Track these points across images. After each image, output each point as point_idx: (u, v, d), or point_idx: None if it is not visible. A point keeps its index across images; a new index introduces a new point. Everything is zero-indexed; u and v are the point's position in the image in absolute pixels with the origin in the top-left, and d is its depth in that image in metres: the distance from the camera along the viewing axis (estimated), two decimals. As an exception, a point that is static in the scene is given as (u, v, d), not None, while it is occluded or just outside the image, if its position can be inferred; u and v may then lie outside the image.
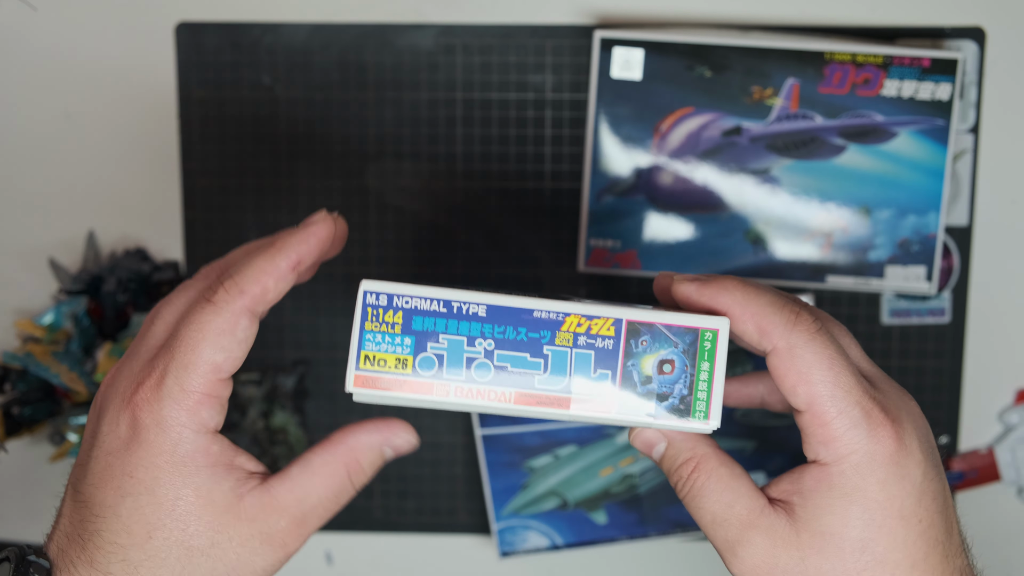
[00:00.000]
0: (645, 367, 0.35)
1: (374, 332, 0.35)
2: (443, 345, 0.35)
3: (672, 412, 0.36)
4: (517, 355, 0.35)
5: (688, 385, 0.36)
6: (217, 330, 0.36)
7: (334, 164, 0.64)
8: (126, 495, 0.36)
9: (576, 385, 0.35)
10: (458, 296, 0.35)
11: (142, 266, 0.64)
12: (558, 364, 0.35)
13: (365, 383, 0.35)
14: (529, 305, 0.35)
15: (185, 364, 0.36)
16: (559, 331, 0.35)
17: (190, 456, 0.36)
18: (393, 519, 0.66)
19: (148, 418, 0.35)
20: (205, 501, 0.36)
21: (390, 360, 0.35)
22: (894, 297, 0.64)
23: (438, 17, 0.63)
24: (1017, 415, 0.65)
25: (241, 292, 0.36)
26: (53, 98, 0.65)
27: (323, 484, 0.38)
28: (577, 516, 0.64)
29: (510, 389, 0.35)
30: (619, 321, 0.35)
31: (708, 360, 0.36)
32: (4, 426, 0.61)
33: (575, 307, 0.35)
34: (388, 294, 0.35)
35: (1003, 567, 0.66)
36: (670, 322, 0.35)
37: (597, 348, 0.35)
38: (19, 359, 0.62)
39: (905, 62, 0.60)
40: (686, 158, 0.61)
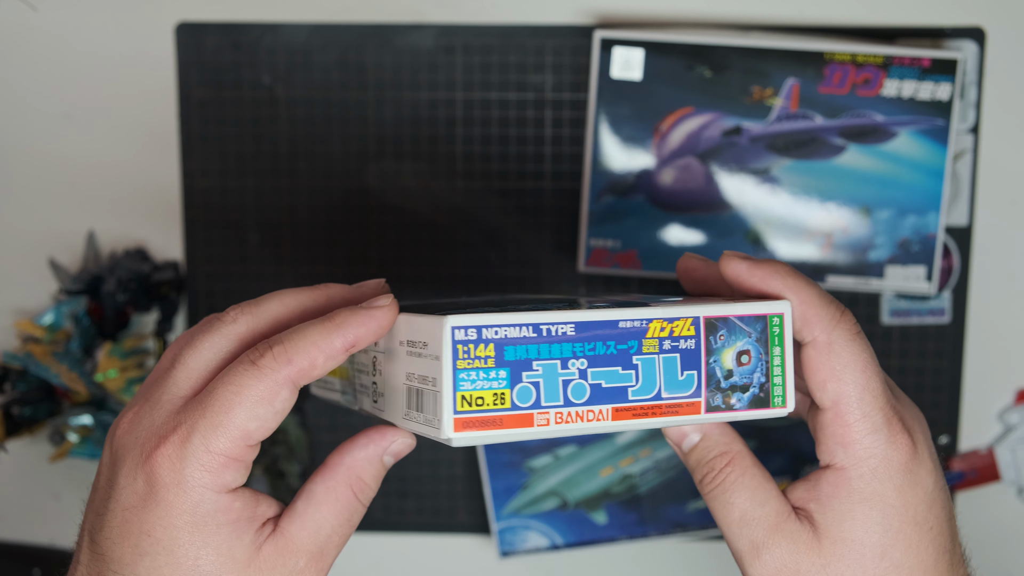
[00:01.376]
0: (725, 361, 0.36)
1: (467, 370, 0.33)
2: (538, 372, 0.34)
3: (753, 402, 0.36)
4: (610, 370, 0.34)
5: (765, 372, 0.36)
6: (256, 396, 0.34)
7: (334, 164, 0.64)
8: (144, 554, 0.35)
9: (667, 390, 0.35)
10: (546, 319, 0.34)
11: (142, 266, 0.64)
12: (648, 373, 0.35)
13: (466, 426, 0.33)
14: (614, 316, 0.34)
15: (215, 425, 0.34)
16: (645, 339, 0.35)
17: (211, 515, 0.35)
18: (393, 519, 0.66)
19: (168, 477, 0.34)
20: (225, 559, 0.35)
21: (487, 397, 0.33)
22: (894, 297, 0.64)
23: (438, 17, 0.63)
24: (1017, 415, 0.65)
25: (289, 361, 0.34)
26: (53, 98, 0.65)
27: (332, 512, 0.37)
28: (577, 516, 0.64)
29: (607, 406, 0.34)
30: (697, 319, 0.35)
31: (779, 344, 0.36)
32: (4, 426, 0.61)
33: (656, 311, 0.35)
34: (476, 327, 0.33)
35: (1003, 567, 0.66)
36: (742, 312, 0.36)
37: (681, 350, 0.35)
38: (19, 359, 0.62)
39: (905, 62, 0.60)
40: (686, 158, 0.61)
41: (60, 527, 0.67)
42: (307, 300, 0.39)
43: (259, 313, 0.37)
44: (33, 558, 0.67)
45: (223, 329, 0.37)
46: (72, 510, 0.67)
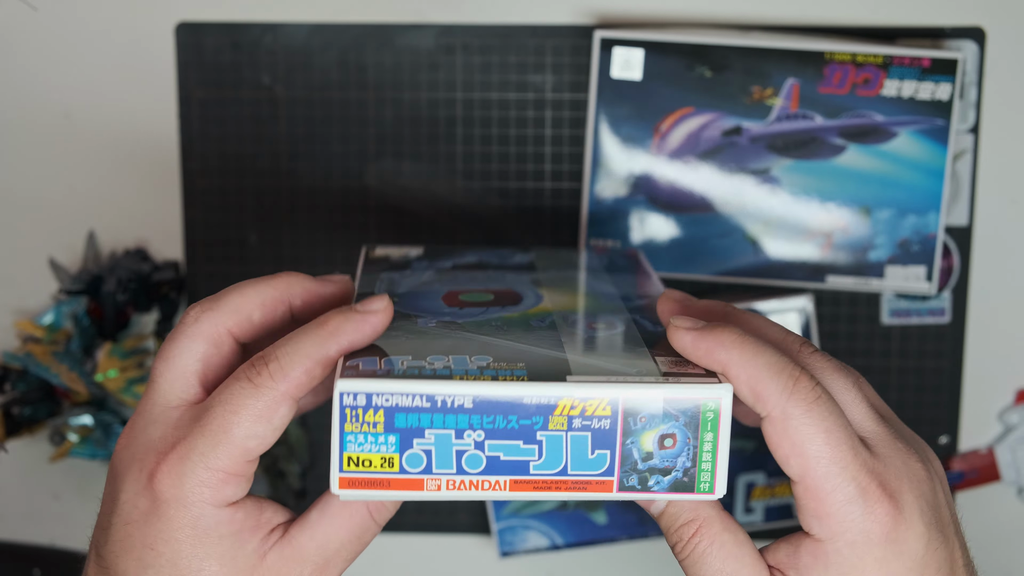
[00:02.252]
0: (645, 443, 0.33)
1: (355, 433, 0.33)
2: (430, 440, 0.33)
3: (675, 486, 0.34)
4: (509, 444, 0.33)
5: (691, 457, 0.34)
6: (254, 414, 0.34)
7: (334, 164, 0.64)
8: (148, 566, 0.35)
9: (574, 467, 0.33)
10: (442, 390, 0.33)
11: (142, 266, 0.64)
12: (553, 449, 0.33)
13: (351, 484, 0.33)
14: (518, 392, 0.33)
15: (215, 444, 0.34)
16: (552, 415, 0.33)
17: (212, 528, 0.35)
18: (393, 519, 0.66)
19: (169, 493, 0.34)
20: (228, 569, 0.35)
21: (375, 460, 0.33)
22: (894, 297, 0.64)
23: (438, 17, 0.63)
24: (1017, 415, 0.65)
25: (285, 377, 0.34)
26: (53, 98, 0.65)
27: (343, 527, 0.37)
28: (577, 516, 0.64)
29: (504, 477, 0.33)
30: (615, 402, 0.33)
31: (711, 430, 0.34)
32: (4, 426, 0.61)
33: (568, 389, 0.33)
34: (367, 393, 0.33)
35: (1003, 567, 0.66)
36: (670, 396, 0.33)
37: (593, 429, 0.33)
38: (19, 359, 0.62)
39: (905, 62, 0.60)
40: (686, 158, 0.61)
41: (60, 527, 0.67)
42: (267, 290, 0.38)
43: (219, 307, 0.37)
44: (33, 558, 0.67)
45: (187, 331, 0.37)
46: (72, 510, 0.67)
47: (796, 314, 0.63)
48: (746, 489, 0.64)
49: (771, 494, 0.64)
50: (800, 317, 0.63)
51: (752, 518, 0.64)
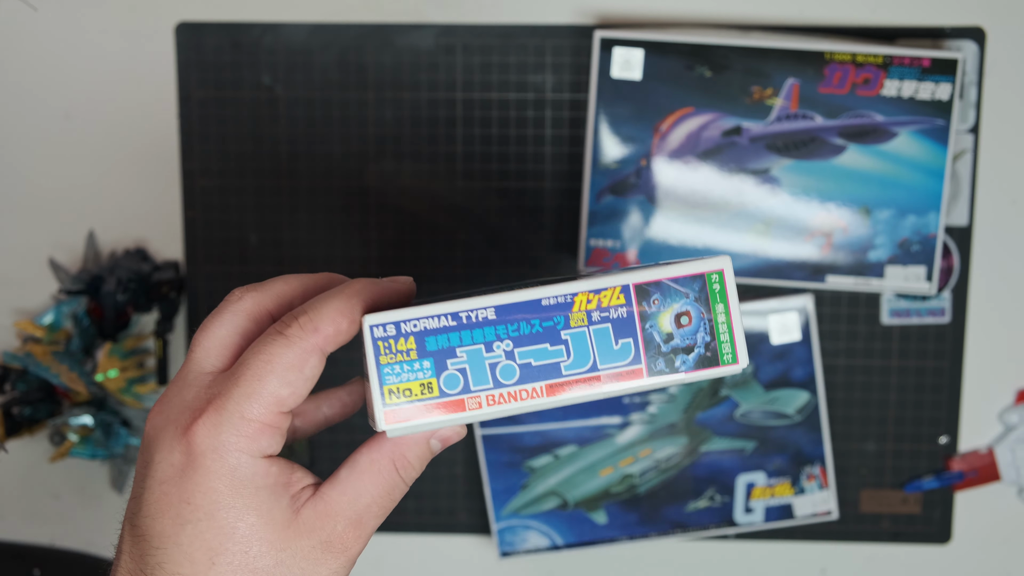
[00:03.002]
0: (663, 325, 0.35)
1: (391, 364, 0.34)
2: (463, 359, 0.34)
3: (700, 362, 0.35)
4: (537, 348, 0.34)
5: (709, 331, 0.35)
6: (286, 364, 0.35)
7: (334, 164, 0.64)
8: (185, 522, 0.35)
9: (603, 361, 0.35)
10: (464, 305, 0.34)
11: (142, 266, 0.64)
12: (579, 346, 0.35)
13: (396, 417, 0.34)
14: (536, 295, 0.35)
15: (249, 393, 0.35)
16: (571, 313, 0.35)
17: (249, 479, 0.35)
18: (393, 519, 0.66)
19: (206, 443, 0.35)
20: (266, 521, 0.36)
21: (415, 388, 0.34)
22: (894, 297, 0.64)
23: (438, 17, 0.63)
24: (1017, 415, 0.65)
25: (315, 330, 0.35)
26: (53, 98, 0.65)
27: (372, 482, 0.37)
28: (577, 516, 0.64)
29: (540, 383, 0.34)
30: (626, 287, 0.35)
31: (721, 301, 0.35)
32: (4, 426, 0.61)
33: (580, 284, 0.35)
34: (394, 322, 0.34)
35: (1003, 567, 0.66)
36: (676, 274, 0.35)
37: (613, 319, 0.35)
38: (19, 359, 0.62)
39: (905, 62, 0.60)
40: (686, 158, 0.61)
41: (60, 527, 0.67)
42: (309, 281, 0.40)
43: (264, 290, 0.39)
44: (33, 558, 0.67)
45: (230, 307, 0.38)
46: (72, 510, 0.67)
47: (796, 314, 0.63)
48: (746, 489, 0.64)
49: (771, 494, 0.64)
50: (800, 317, 0.63)
51: (752, 518, 0.64)
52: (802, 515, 0.64)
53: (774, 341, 0.63)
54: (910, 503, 0.65)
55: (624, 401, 0.63)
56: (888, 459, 0.65)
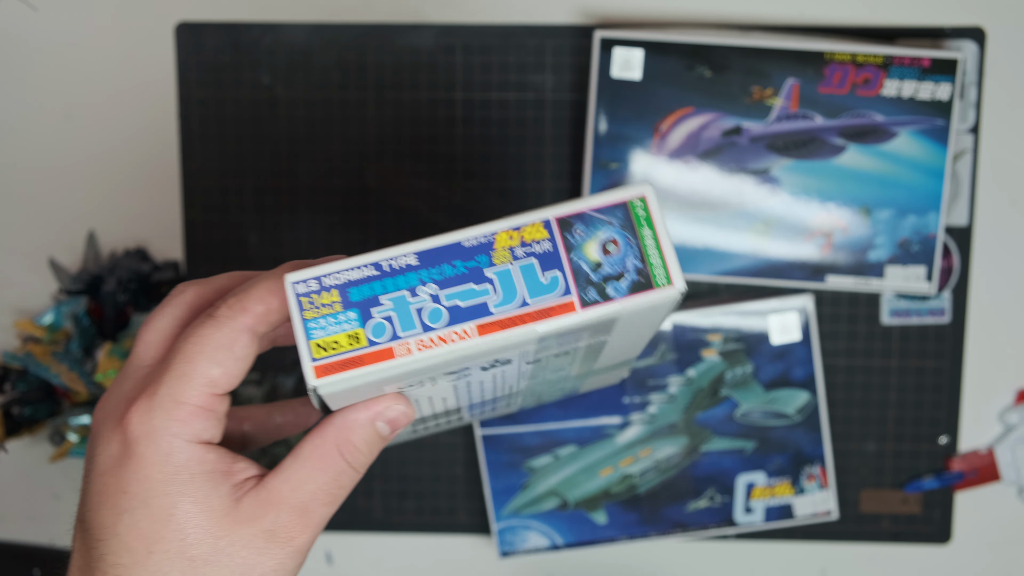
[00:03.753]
0: (590, 254, 0.34)
1: (316, 318, 0.34)
2: (388, 306, 0.34)
3: (634, 288, 0.34)
4: (463, 288, 0.34)
5: (639, 256, 0.34)
6: (215, 344, 0.35)
7: (334, 164, 0.64)
8: (122, 512, 0.35)
9: (532, 295, 0.34)
10: (385, 254, 0.34)
11: (142, 266, 0.64)
12: (506, 283, 0.34)
13: (326, 371, 0.34)
14: (456, 238, 0.34)
15: (179, 375, 0.35)
16: (494, 251, 0.34)
17: (184, 465, 0.35)
18: (393, 519, 0.66)
19: (139, 430, 0.35)
20: (202, 508, 0.35)
21: (342, 340, 0.34)
22: (894, 297, 0.64)
23: (438, 17, 0.63)
24: (1017, 415, 0.65)
25: (244, 309, 0.35)
26: (53, 98, 0.65)
27: (317, 469, 0.37)
28: (577, 516, 0.64)
29: (470, 324, 0.34)
30: (548, 221, 0.34)
31: (648, 226, 0.35)
32: (4, 426, 0.61)
33: (501, 223, 0.34)
34: (316, 277, 0.34)
35: (1003, 567, 0.66)
36: (596, 205, 0.34)
37: (537, 254, 0.34)
38: (19, 359, 0.62)
39: (905, 62, 0.60)
40: (686, 158, 0.61)
41: (60, 527, 0.67)
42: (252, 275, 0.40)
43: (206, 283, 0.39)
44: (33, 558, 0.67)
45: (172, 300, 0.38)
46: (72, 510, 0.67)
47: (796, 314, 0.63)
48: (746, 489, 0.64)
49: (771, 494, 0.64)
50: (800, 317, 0.63)
51: (752, 518, 0.64)
52: (802, 515, 0.64)
53: (774, 341, 0.63)
54: (910, 503, 0.65)
55: (624, 401, 0.63)
56: (888, 459, 0.65)
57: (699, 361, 0.63)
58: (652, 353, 0.63)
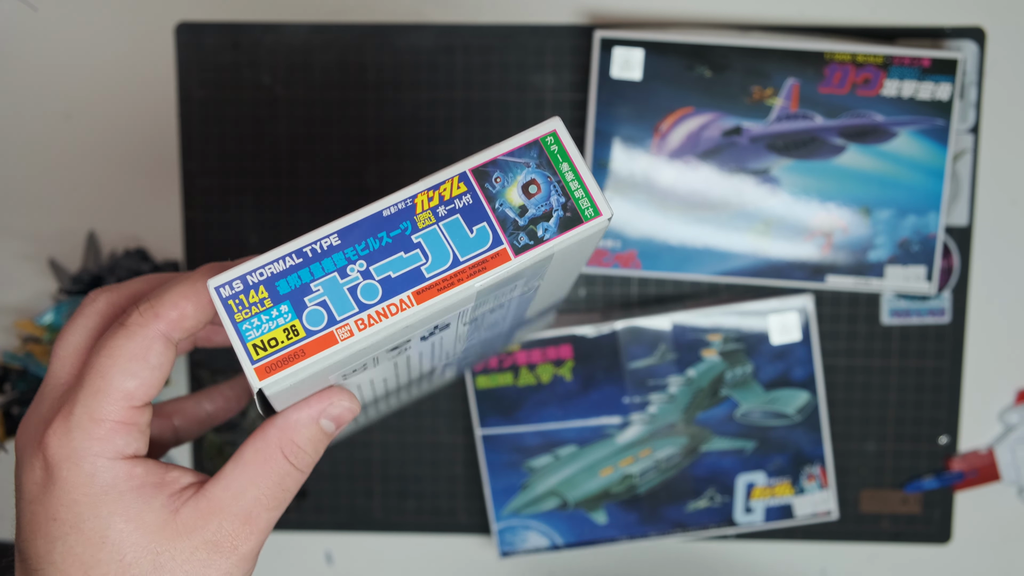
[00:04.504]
0: (512, 199, 0.34)
1: (248, 319, 0.32)
2: (319, 292, 0.33)
3: (564, 224, 0.34)
4: (392, 259, 0.33)
5: (561, 191, 0.34)
6: (128, 355, 0.33)
7: (334, 164, 0.64)
8: (55, 539, 0.34)
9: (463, 253, 0.33)
10: (306, 240, 0.33)
11: (142, 266, 0.64)
12: (434, 245, 0.33)
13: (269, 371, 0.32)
14: (374, 209, 0.33)
15: (94, 392, 0.33)
16: (416, 216, 0.33)
17: (111, 484, 0.34)
18: (393, 519, 0.66)
19: (59, 453, 0.33)
20: (136, 525, 0.34)
21: (279, 335, 0.32)
22: (894, 297, 0.64)
23: (438, 17, 0.63)
24: (1017, 415, 0.65)
25: (156, 316, 0.34)
26: (53, 98, 0.65)
27: (259, 472, 0.35)
28: (577, 516, 0.64)
29: (407, 293, 0.33)
30: (464, 174, 0.34)
31: (564, 160, 0.34)
32: (4, 426, 0.61)
33: (417, 186, 0.34)
34: (239, 277, 0.33)
35: (1003, 567, 0.66)
36: (508, 148, 0.34)
37: (460, 209, 0.34)
38: (19, 359, 0.62)
39: (905, 62, 0.60)
40: (686, 158, 0.61)
41: (60, 527, 0.67)
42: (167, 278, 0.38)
43: (118, 290, 0.37)
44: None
45: (84, 311, 0.37)
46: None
47: (796, 314, 0.63)
48: (746, 489, 0.64)
49: (771, 494, 0.64)
50: (800, 317, 0.63)
51: (752, 518, 0.64)
52: (802, 515, 0.64)
53: (774, 341, 0.63)
54: (910, 503, 0.65)
55: (624, 401, 0.63)
56: (888, 459, 0.65)
57: (699, 361, 0.63)
58: (652, 353, 0.63)
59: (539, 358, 0.63)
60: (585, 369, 0.63)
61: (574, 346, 0.63)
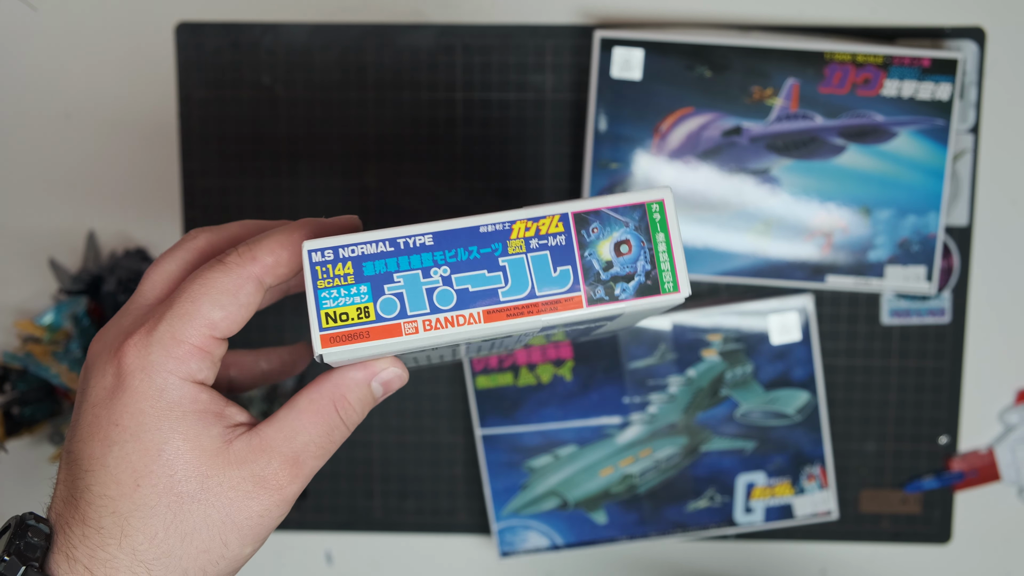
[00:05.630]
0: (602, 253, 0.35)
1: (328, 288, 0.34)
2: (399, 283, 0.34)
3: (641, 291, 0.35)
4: (475, 274, 0.35)
5: (650, 260, 0.35)
6: (221, 288, 0.35)
7: (334, 164, 0.64)
8: (112, 444, 0.35)
9: (540, 288, 0.35)
10: (402, 232, 0.34)
11: (142, 266, 0.64)
12: (517, 272, 0.35)
13: (333, 342, 0.34)
14: (474, 223, 0.35)
15: (181, 314, 0.35)
16: (509, 240, 0.35)
17: (176, 402, 0.35)
18: (393, 519, 0.66)
19: (135, 363, 0.35)
20: (192, 446, 0.35)
21: (351, 312, 0.34)
22: (894, 297, 0.64)
23: (438, 17, 0.63)
24: (1017, 415, 0.65)
25: (254, 259, 0.36)
26: (53, 98, 0.65)
27: (311, 421, 0.37)
28: (577, 516, 0.64)
29: (477, 309, 0.34)
30: (565, 215, 0.35)
31: (662, 231, 0.35)
32: (4, 426, 0.61)
33: (519, 213, 0.35)
34: (333, 247, 0.34)
35: (1003, 567, 0.66)
36: (615, 203, 0.35)
37: (551, 247, 0.35)
38: (19, 359, 0.62)
39: (905, 62, 0.60)
40: (686, 158, 0.61)
41: (60, 527, 0.67)
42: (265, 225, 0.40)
43: (218, 231, 0.39)
44: (33, 558, 0.67)
45: (183, 244, 0.39)
46: (72, 510, 0.67)
47: (796, 314, 0.63)
48: (746, 489, 0.64)
49: (771, 494, 0.64)
50: (800, 317, 0.63)
51: (752, 518, 0.64)
52: (802, 515, 0.64)
53: (774, 341, 0.63)
54: (910, 503, 0.65)
55: (624, 401, 0.63)
56: (888, 459, 0.65)
57: (699, 361, 0.63)
58: (652, 353, 0.63)
59: (539, 358, 0.63)
60: (585, 369, 0.63)
61: (574, 346, 0.63)
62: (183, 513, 0.35)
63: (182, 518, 0.35)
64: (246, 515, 0.36)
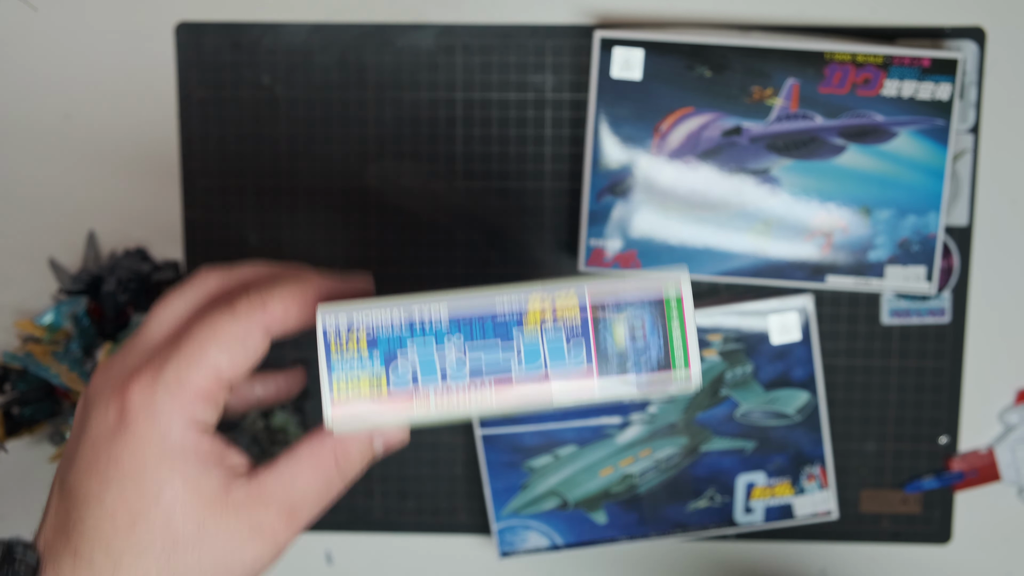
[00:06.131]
0: (617, 336, 0.35)
1: (340, 357, 0.34)
2: (413, 355, 0.34)
3: (652, 378, 0.35)
4: (488, 347, 0.35)
5: (663, 347, 0.35)
6: (229, 334, 0.35)
7: (334, 164, 0.64)
8: (111, 482, 0.35)
9: (553, 367, 0.35)
10: (416, 303, 0.34)
11: (142, 266, 0.64)
12: (531, 350, 0.35)
13: (344, 411, 0.34)
14: (490, 303, 0.35)
15: (188, 358, 0.35)
16: (525, 319, 0.35)
17: (178, 447, 0.35)
18: (393, 519, 0.66)
19: (139, 404, 0.35)
20: (191, 491, 0.35)
21: (363, 382, 0.34)
22: (894, 297, 0.64)
23: (438, 17, 0.63)
24: (1017, 415, 0.65)
25: (264, 307, 0.36)
26: (53, 98, 0.65)
27: (311, 473, 0.37)
28: (577, 516, 0.64)
29: (490, 384, 0.35)
30: (583, 301, 0.35)
31: (678, 319, 0.35)
32: (4, 426, 0.61)
33: (535, 290, 0.35)
34: (347, 316, 0.34)
35: (1003, 567, 0.66)
36: (633, 290, 0.35)
37: (566, 326, 0.35)
38: (19, 359, 0.62)
39: (905, 62, 0.60)
40: (686, 158, 0.61)
41: (60, 527, 0.67)
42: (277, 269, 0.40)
43: (229, 274, 0.39)
44: (33, 558, 0.67)
45: (193, 284, 0.39)
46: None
47: (796, 314, 0.63)
48: (746, 489, 0.64)
49: (771, 494, 0.64)
50: (800, 317, 0.63)
51: (752, 518, 0.64)
52: (802, 515, 0.64)
53: (774, 341, 0.63)
54: (910, 503, 0.65)
55: (624, 401, 0.63)
56: (888, 459, 0.65)
57: (699, 361, 0.63)
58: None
59: (539, 358, 0.63)
60: (585, 369, 0.63)
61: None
62: (177, 556, 0.35)
63: (176, 561, 0.35)
64: (240, 561, 0.36)
